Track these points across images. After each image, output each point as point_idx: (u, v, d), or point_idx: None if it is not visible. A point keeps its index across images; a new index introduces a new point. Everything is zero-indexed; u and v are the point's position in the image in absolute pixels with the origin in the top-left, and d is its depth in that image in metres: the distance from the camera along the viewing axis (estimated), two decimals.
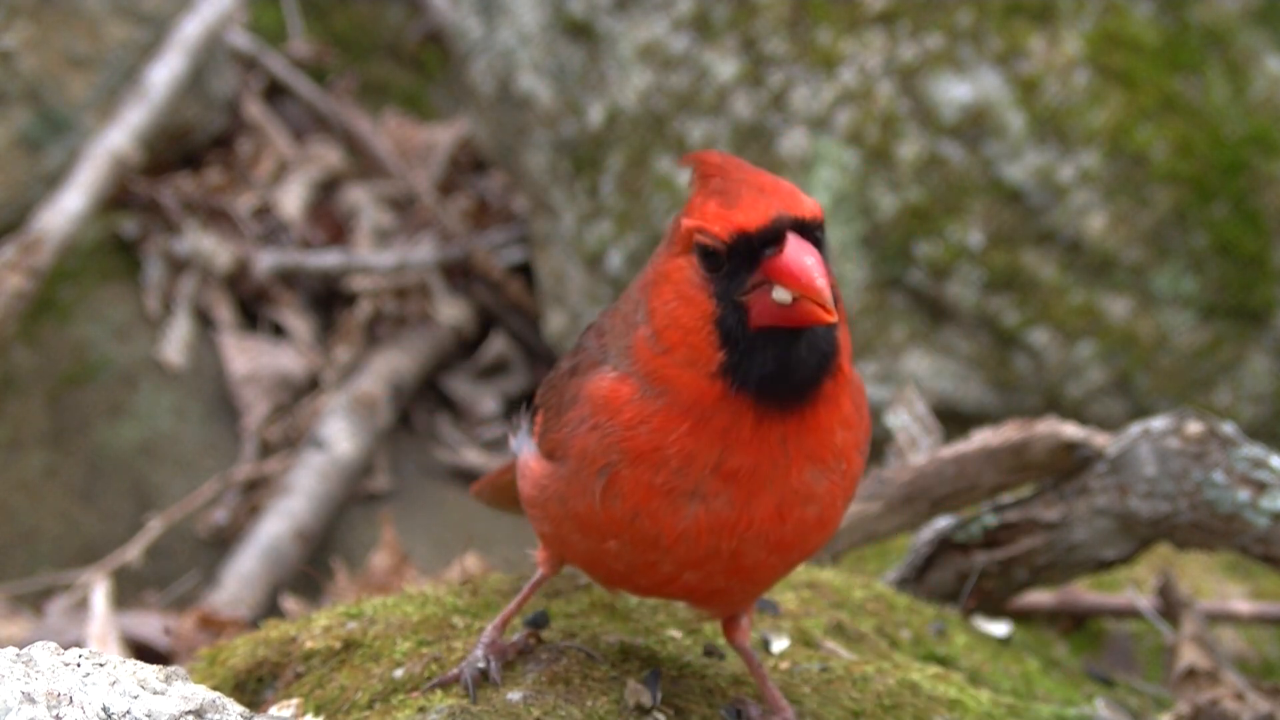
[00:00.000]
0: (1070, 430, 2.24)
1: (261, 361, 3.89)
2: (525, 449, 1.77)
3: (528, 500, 1.74)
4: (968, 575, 2.29)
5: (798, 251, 1.52)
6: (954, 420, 3.19)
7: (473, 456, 3.96)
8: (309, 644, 1.88)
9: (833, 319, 1.53)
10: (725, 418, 1.57)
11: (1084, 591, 2.60)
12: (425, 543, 3.69)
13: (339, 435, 3.76)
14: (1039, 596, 2.54)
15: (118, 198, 3.96)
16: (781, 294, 1.53)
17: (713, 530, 1.61)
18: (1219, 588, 2.78)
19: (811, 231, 1.55)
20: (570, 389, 1.66)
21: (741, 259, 1.55)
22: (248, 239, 4.08)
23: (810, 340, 1.56)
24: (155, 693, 1.53)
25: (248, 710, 1.57)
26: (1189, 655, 2.25)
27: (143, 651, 3.04)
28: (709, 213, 1.56)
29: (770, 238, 1.54)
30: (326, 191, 4.33)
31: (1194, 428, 2.19)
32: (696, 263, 1.57)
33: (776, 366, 1.56)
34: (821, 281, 1.51)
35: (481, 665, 1.73)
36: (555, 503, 1.67)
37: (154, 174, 4.08)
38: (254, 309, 4.04)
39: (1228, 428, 2.20)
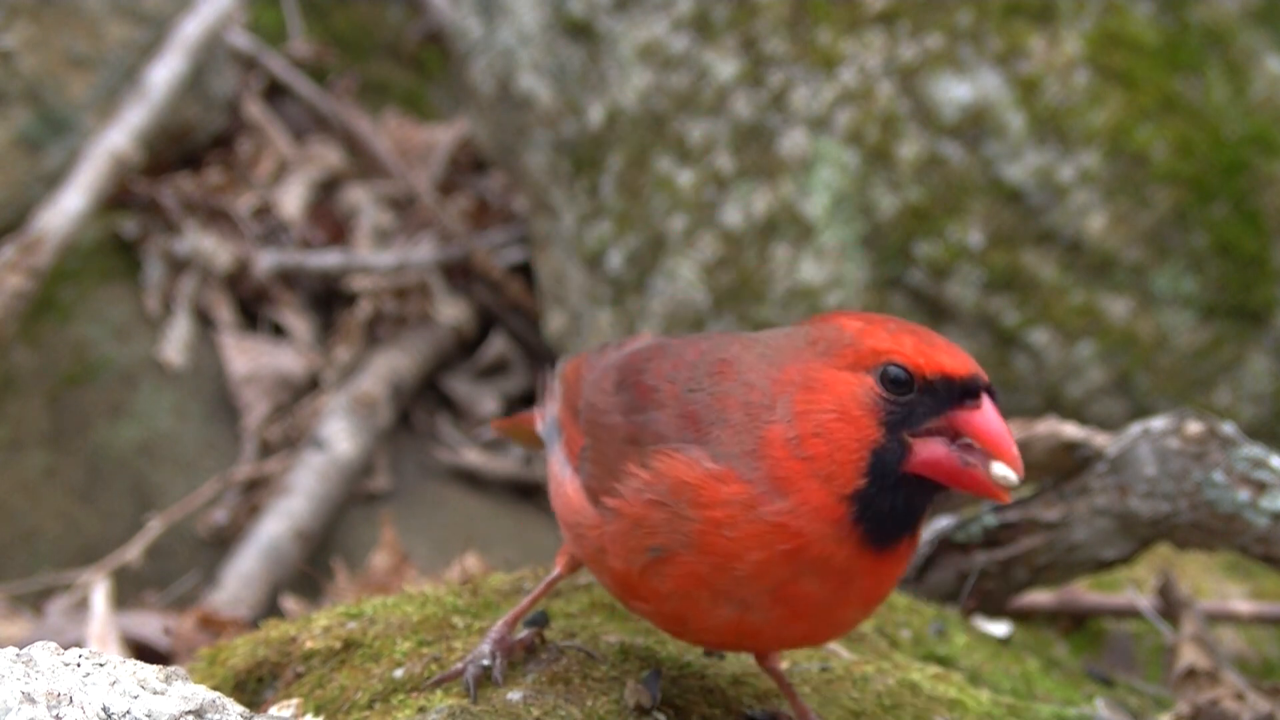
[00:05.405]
0: (1070, 430, 2.24)
1: (261, 361, 3.89)
2: (557, 459, 1.76)
3: (561, 519, 1.73)
4: (968, 575, 2.29)
5: (999, 419, 1.53)
6: None
7: (473, 456, 3.96)
8: (309, 644, 1.88)
9: (1009, 501, 1.55)
10: (827, 544, 1.55)
11: (1084, 591, 2.60)
12: (425, 543, 3.69)
13: (339, 435, 3.76)
14: (1039, 596, 2.54)
15: (118, 198, 3.96)
16: (999, 468, 1.52)
17: (739, 632, 1.62)
18: (1219, 588, 2.78)
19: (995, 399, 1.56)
20: (630, 454, 1.62)
21: (931, 400, 1.54)
22: (248, 239, 4.07)
23: (936, 499, 1.57)
24: (155, 693, 1.53)
25: (248, 710, 1.57)
26: (1189, 655, 2.25)
27: (143, 651, 3.04)
28: (907, 345, 1.55)
29: (969, 390, 1.54)
30: (326, 191, 4.33)
31: (1194, 428, 2.18)
32: (874, 386, 1.55)
33: (903, 511, 1.55)
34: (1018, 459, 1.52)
35: (486, 663, 1.73)
36: (592, 548, 1.67)
37: (154, 174, 4.08)
38: (254, 309, 4.04)
39: (1228, 428, 2.20)
